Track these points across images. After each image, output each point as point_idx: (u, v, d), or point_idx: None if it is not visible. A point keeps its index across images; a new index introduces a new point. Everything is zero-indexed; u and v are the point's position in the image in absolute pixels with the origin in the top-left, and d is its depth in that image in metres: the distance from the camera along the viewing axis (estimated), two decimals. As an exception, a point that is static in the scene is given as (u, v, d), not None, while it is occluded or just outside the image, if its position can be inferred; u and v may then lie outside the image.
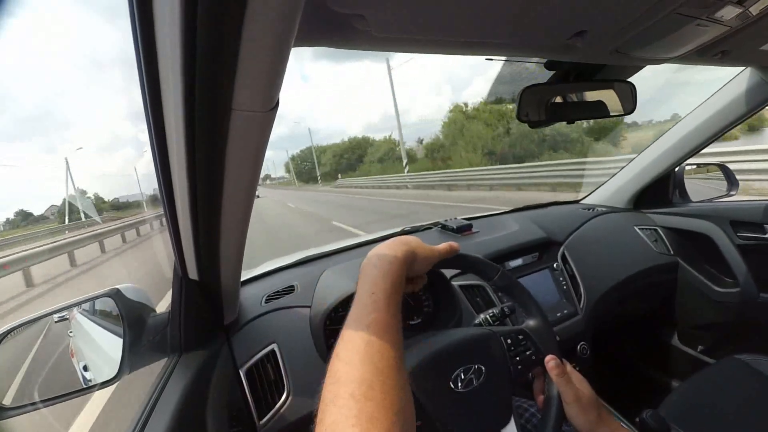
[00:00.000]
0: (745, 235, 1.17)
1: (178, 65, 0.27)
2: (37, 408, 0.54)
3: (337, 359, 0.38)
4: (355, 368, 0.36)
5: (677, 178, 1.39)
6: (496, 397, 0.54)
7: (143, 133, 0.41)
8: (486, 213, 1.43)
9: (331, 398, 0.35)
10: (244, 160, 0.38)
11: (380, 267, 0.48)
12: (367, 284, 0.46)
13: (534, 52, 0.64)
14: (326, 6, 0.36)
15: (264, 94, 0.32)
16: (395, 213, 9.07)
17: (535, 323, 0.63)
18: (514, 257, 1.09)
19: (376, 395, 0.34)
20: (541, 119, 0.82)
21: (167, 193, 0.43)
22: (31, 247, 8.04)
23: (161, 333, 0.63)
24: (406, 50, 0.52)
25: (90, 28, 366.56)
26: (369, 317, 0.42)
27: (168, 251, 0.56)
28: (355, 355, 0.38)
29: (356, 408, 0.33)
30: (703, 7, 0.51)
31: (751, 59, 0.91)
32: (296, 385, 0.73)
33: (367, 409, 0.33)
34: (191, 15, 0.24)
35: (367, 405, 0.33)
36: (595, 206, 1.49)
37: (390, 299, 0.45)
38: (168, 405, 0.54)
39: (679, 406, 0.91)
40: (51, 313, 0.61)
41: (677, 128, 1.25)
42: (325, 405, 0.35)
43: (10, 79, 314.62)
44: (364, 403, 0.33)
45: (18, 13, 0.28)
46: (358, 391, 0.34)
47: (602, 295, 1.11)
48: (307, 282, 0.91)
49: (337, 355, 0.39)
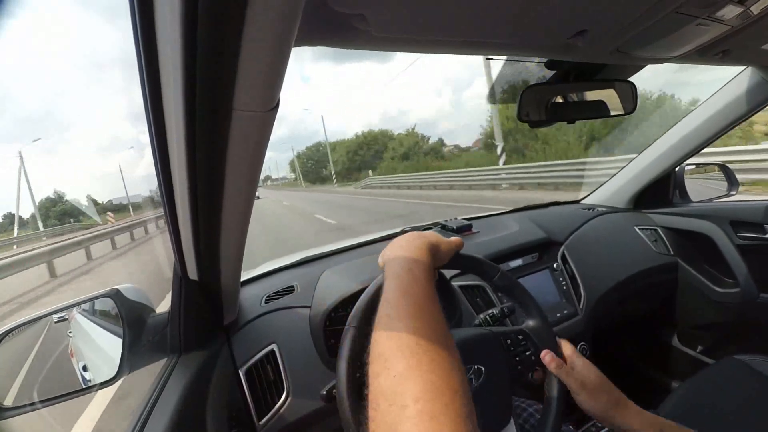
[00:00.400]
0: (745, 235, 1.17)
1: (179, 65, 0.27)
2: (37, 408, 0.54)
3: (387, 318, 0.39)
4: (412, 323, 0.37)
5: (677, 178, 1.38)
6: (495, 398, 0.54)
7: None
8: (486, 213, 1.43)
9: (394, 351, 0.35)
10: (245, 160, 0.38)
11: (411, 252, 0.49)
12: (399, 265, 0.46)
13: (534, 52, 0.64)
14: (327, 6, 0.36)
15: (264, 94, 0.32)
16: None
17: (535, 323, 0.63)
18: (514, 257, 1.09)
19: (439, 346, 0.35)
20: (542, 119, 0.82)
21: (167, 192, 0.43)
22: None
23: (161, 333, 0.63)
24: (406, 50, 0.52)
25: (91, 28, 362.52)
26: (410, 288, 0.42)
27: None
28: (408, 314, 0.38)
29: (427, 357, 0.33)
30: (704, 6, 0.50)
31: (751, 59, 0.91)
32: (296, 386, 0.73)
33: (437, 357, 0.34)
34: (192, 15, 0.24)
35: (436, 354, 0.34)
36: (595, 206, 1.49)
37: (427, 277, 0.45)
38: (168, 405, 0.54)
39: (679, 407, 0.91)
40: (51, 314, 0.61)
41: (678, 128, 1.25)
42: (388, 356, 0.35)
43: (10, 79, 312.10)
44: (434, 352, 0.34)
45: (17, 13, 0.28)
46: (423, 341, 0.35)
47: (602, 295, 1.11)
48: (307, 282, 0.91)
49: (387, 315, 0.39)
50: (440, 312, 0.41)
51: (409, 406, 0.30)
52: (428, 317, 0.39)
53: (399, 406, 0.30)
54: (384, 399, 0.32)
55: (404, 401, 0.30)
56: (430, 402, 0.30)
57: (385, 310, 0.40)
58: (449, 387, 0.32)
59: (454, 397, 0.31)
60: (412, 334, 0.35)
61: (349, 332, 0.49)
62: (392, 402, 0.31)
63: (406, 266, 0.46)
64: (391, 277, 0.45)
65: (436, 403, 0.30)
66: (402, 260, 0.47)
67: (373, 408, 0.32)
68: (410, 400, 0.30)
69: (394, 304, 0.40)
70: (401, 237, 0.54)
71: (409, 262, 0.47)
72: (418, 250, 0.50)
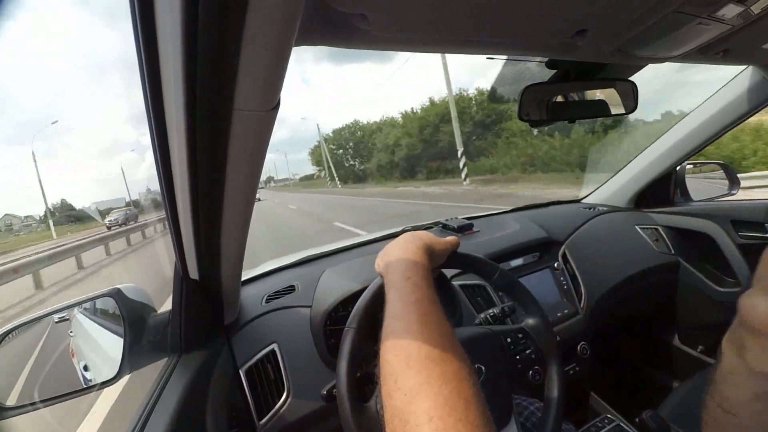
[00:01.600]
0: (747, 234, 1.17)
1: (180, 65, 0.27)
2: (38, 408, 0.54)
3: (393, 335, 0.38)
4: (419, 335, 0.37)
5: (678, 178, 1.38)
6: (496, 397, 0.54)
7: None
8: (486, 212, 1.43)
9: (403, 366, 0.34)
10: (246, 160, 0.38)
11: (407, 255, 0.49)
12: (398, 272, 0.46)
13: (535, 52, 0.64)
14: (327, 5, 0.36)
15: (265, 94, 0.32)
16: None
17: (536, 323, 0.63)
18: (514, 257, 1.09)
19: (449, 356, 0.35)
20: (543, 118, 0.82)
21: (168, 192, 0.43)
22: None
23: (161, 333, 0.63)
24: (406, 49, 0.52)
25: (92, 28, 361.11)
26: (412, 296, 0.42)
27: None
28: (413, 326, 0.38)
29: (438, 369, 0.33)
30: (705, 5, 0.50)
31: (752, 58, 0.91)
32: (296, 386, 0.73)
33: (447, 369, 0.33)
34: (192, 15, 0.24)
35: (446, 365, 0.34)
36: (596, 205, 1.49)
37: (427, 281, 0.45)
38: (168, 405, 0.54)
39: (680, 407, 0.91)
40: (51, 313, 0.61)
41: (678, 127, 1.25)
42: (398, 374, 0.34)
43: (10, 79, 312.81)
44: (443, 364, 0.34)
45: (17, 14, 0.28)
46: (432, 353, 0.35)
47: (603, 294, 1.11)
48: (307, 282, 0.91)
49: (393, 331, 0.39)
50: (444, 316, 0.41)
51: (423, 424, 0.30)
52: (434, 325, 0.38)
53: (413, 425, 0.30)
54: (398, 420, 0.31)
55: (417, 420, 0.30)
56: (443, 418, 0.30)
57: (391, 326, 0.40)
58: (462, 399, 0.31)
59: (468, 408, 0.31)
60: (420, 347, 0.35)
61: (349, 332, 0.49)
62: (406, 421, 0.31)
63: (405, 273, 0.46)
64: (391, 287, 0.45)
65: (450, 418, 0.30)
66: (400, 266, 0.47)
67: (390, 429, 0.32)
68: (424, 418, 0.30)
69: (399, 317, 0.40)
70: (396, 240, 0.54)
71: (407, 268, 0.47)
72: (413, 253, 0.50)
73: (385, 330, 0.39)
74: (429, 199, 11.08)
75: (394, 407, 0.32)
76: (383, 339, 0.39)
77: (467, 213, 1.40)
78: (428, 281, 0.45)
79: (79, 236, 9.91)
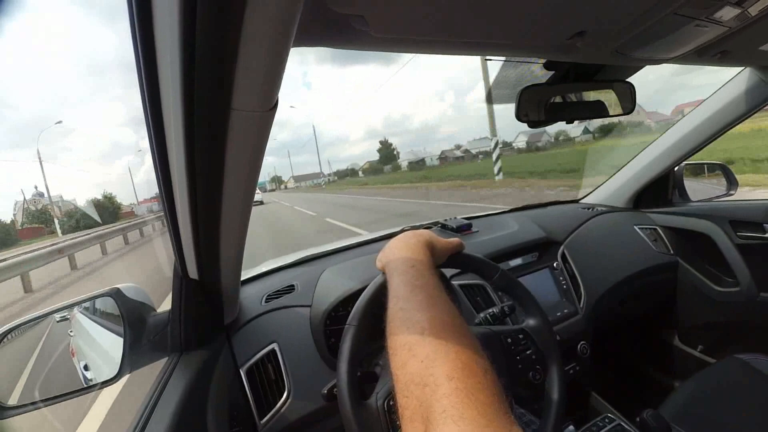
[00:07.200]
0: (745, 234, 1.17)
1: (178, 65, 0.27)
2: (38, 407, 0.54)
3: (402, 311, 0.38)
4: (430, 308, 0.37)
5: (677, 178, 1.39)
6: None
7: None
8: (486, 213, 1.43)
9: (417, 339, 0.34)
10: (244, 160, 0.39)
11: (409, 250, 0.49)
12: (401, 262, 0.46)
13: (533, 53, 0.64)
14: (326, 6, 0.36)
15: (263, 94, 0.32)
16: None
17: (535, 323, 0.63)
18: (513, 257, 1.09)
19: (463, 329, 0.35)
20: (541, 119, 0.82)
21: (167, 192, 0.43)
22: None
23: (161, 332, 0.63)
24: (405, 50, 0.52)
25: (89, 28, 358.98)
26: (417, 281, 0.42)
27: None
28: (423, 303, 0.38)
29: (454, 338, 0.34)
30: (702, 7, 0.51)
31: (750, 59, 0.92)
32: (297, 385, 0.73)
33: (464, 340, 0.34)
34: (191, 14, 0.24)
35: (462, 337, 0.34)
36: (594, 206, 1.49)
37: (431, 270, 0.45)
38: (168, 405, 0.54)
39: (680, 406, 0.91)
40: (51, 313, 0.61)
41: (677, 128, 1.25)
42: (413, 344, 0.34)
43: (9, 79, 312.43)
44: (459, 335, 0.34)
45: (16, 14, 0.28)
46: (447, 324, 0.35)
47: (602, 294, 1.11)
48: (307, 281, 0.91)
49: (402, 308, 0.39)
50: (452, 303, 0.41)
51: (443, 384, 0.29)
52: (443, 305, 0.38)
53: (432, 386, 0.30)
54: (415, 384, 0.31)
55: (437, 381, 0.30)
56: (464, 379, 0.29)
57: (398, 305, 0.39)
58: (480, 366, 0.31)
59: (486, 376, 0.31)
60: (432, 321, 0.35)
61: (349, 331, 0.50)
62: (425, 384, 0.30)
63: (408, 263, 0.46)
64: (395, 274, 0.45)
65: (470, 380, 0.30)
66: (402, 259, 0.47)
67: (405, 396, 0.31)
68: (443, 378, 0.30)
69: (406, 298, 0.40)
70: (396, 238, 0.54)
71: (409, 260, 0.47)
72: (415, 248, 0.50)
73: (391, 311, 0.39)
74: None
75: (410, 374, 0.32)
76: (389, 319, 0.38)
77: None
78: (432, 271, 0.45)
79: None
